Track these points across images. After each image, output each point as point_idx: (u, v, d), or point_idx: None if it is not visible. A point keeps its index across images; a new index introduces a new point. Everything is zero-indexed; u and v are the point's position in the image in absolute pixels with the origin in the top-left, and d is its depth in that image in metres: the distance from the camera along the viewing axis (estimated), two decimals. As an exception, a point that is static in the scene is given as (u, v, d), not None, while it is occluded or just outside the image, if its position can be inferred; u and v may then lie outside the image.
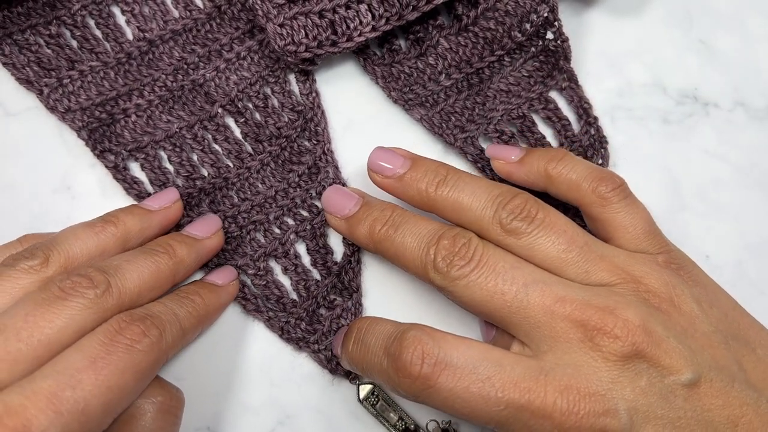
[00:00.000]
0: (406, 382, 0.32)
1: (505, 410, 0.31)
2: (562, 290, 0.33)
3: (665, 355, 0.32)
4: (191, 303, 0.37)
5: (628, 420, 0.31)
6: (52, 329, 0.30)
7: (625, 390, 0.31)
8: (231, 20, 0.44)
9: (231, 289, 0.40)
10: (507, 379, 0.31)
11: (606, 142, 0.43)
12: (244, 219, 0.42)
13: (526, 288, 0.33)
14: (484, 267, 0.34)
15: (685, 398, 0.31)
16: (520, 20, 0.43)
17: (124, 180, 0.42)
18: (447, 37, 0.44)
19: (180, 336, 0.35)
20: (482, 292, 0.34)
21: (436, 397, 0.32)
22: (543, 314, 0.32)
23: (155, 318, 0.33)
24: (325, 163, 0.43)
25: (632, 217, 0.37)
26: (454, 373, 0.32)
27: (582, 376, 0.31)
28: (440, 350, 0.32)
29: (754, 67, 0.46)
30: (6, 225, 0.42)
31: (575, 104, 0.44)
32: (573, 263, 0.34)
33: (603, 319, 0.32)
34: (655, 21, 0.47)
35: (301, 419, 0.41)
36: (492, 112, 0.43)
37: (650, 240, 0.37)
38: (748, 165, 0.45)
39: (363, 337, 0.36)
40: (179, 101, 0.43)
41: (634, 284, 0.34)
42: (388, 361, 0.33)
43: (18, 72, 0.43)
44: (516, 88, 0.44)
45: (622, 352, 0.31)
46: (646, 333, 0.32)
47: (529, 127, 0.43)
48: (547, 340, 0.32)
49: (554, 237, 0.35)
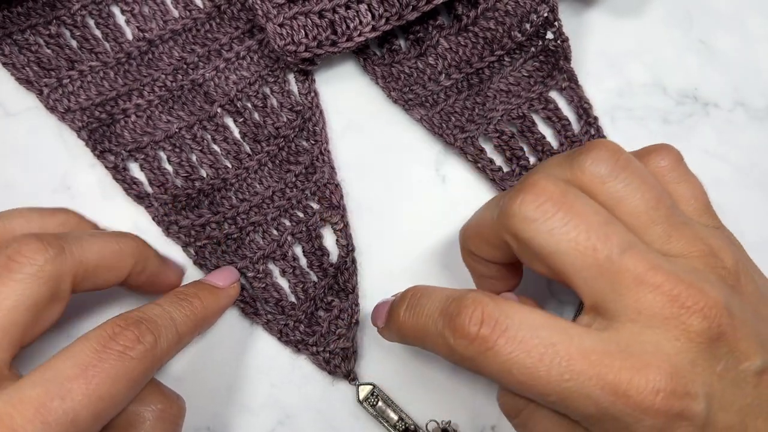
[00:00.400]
0: (462, 343, 0.30)
1: (570, 381, 0.28)
2: (653, 258, 0.30)
3: (743, 339, 0.29)
4: (189, 306, 0.35)
5: (706, 405, 0.28)
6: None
7: (704, 374, 0.29)
8: (231, 20, 0.44)
9: (231, 292, 0.39)
10: (575, 348, 0.29)
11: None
12: (243, 220, 0.42)
13: (620, 247, 0.30)
14: (572, 214, 0.30)
15: (754, 385, 0.30)
16: (520, 20, 0.43)
17: (124, 180, 0.42)
18: (447, 37, 0.44)
19: (176, 341, 0.34)
20: (570, 244, 0.30)
21: (493, 362, 0.29)
22: (633, 281, 0.29)
23: (150, 322, 0.32)
24: (322, 164, 0.43)
25: (692, 187, 0.35)
26: (515, 336, 0.29)
27: (663, 355, 0.29)
28: (501, 312, 0.29)
29: (754, 67, 0.46)
30: (5, 225, 0.42)
31: (575, 104, 0.44)
32: (660, 222, 0.31)
33: (694, 296, 0.29)
34: (655, 21, 0.46)
35: (301, 419, 0.41)
36: (492, 112, 0.43)
37: (709, 214, 0.35)
38: (748, 165, 0.45)
39: (418, 301, 0.33)
40: (179, 101, 0.43)
41: (713, 258, 0.31)
42: (444, 321, 0.30)
43: (18, 72, 0.43)
44: (516, 88, 0.44)
45: (708, 333, 0.29)
46: (730, 315, 0.29)
47: (529, 127, 0.43)
48: (629, 311, 0.29)
49: (646, 190, 0.32)
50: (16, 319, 0.30)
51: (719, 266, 0.31)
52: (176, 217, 0.42)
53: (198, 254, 0.41)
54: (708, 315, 0.29)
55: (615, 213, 0.31)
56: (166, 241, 0.42)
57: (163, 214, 0.42)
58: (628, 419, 0.28)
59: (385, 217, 0.43)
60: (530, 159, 0.43)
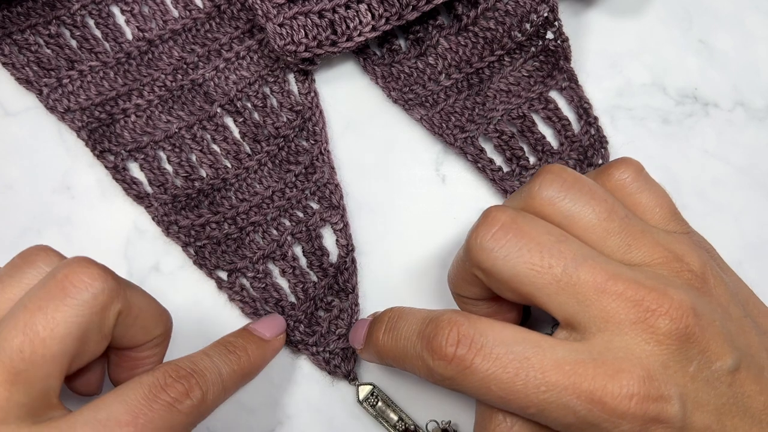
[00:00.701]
0: (441, 364, 0.30)
1: (547, 393, 0.29)
2: (612, 268, 0.31)
3: (712, 339, 0.30)
4: (237, 359, 0.35)
5: (681, 407, 0.29)
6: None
7: (676, 375, 0.29)
8: (230, 20, 0.44)
9: (277, 345, 0.38)
10: (548, 360, 0.29)
11: (606, 142, 0.43)
12: (243, 220, 0.42)
13: (575, 261, 0.31)
14: (526, 238, 0.31)
15: (728, 384, 0.30)
16: (520, 20, 0.43)
17: (124, 180, 0.42)
18: (447, 37, 0.44)
19: (221, 396, 0.33)
20: (526, 266, 0.31)
21: (472, 380, 0.30)
22: (594, 292, 0.30)
23: (200, 377, 0.32)
24: (322, 163, 0.43)
25: (655, 196, 0.35)
26: (491, 354, 0.30)
27: (635, 360, 0.29)
28: (476, 331, 0.30)
29: (754, 67, 0.46)
30: (5, 225, 0.42)
31: (575, 104, 0.44)
32: (615, 233, 0.32)
33: (657, 299, 0.30)
34: (655, 21, 0.46)
35: (300, 419, 0.41)
36: (492, 112, 0.43)
37: (676, 220, 0.35)
38: (748, 165, 0.45)
39: (395, 324, 0.34)
40: (178, 101, 0.43)
41: (677, 263, 0.32)
42: (422, 344, 0.31)
43: (18, 72, 0.43)
44: (516, 88, 0.44)
45: (677, 334, 0.29)
46: (697, 316, 0.30)
47: (529, 127, 0.43)
48: (596, 321, 0.30)
49: (595, 204, 0.33)
50: (67, 348, 0.29)
51: (684, 270, 0.32)
52: (176, 217, 0.42)
53: (198, 254, 0.41)
54: (674, 317, 0.29)
55: (570, 230, 0.32)
56: (166, 241, 0.42)
57: (163, 214, 0.42)
58: (606, 425, 0.29)
59: (384, 217, 0.43)
60: (530, 159, 0.43)
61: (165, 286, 0.42)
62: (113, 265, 0.34)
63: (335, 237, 0.42)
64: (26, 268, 0.31)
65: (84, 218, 0.42)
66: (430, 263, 0.42)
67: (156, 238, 0.42)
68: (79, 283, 0.30)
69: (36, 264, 0.31)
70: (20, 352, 0.28)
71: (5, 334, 0.29)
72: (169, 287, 0.42)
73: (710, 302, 0.32)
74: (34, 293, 0.30)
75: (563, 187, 0.33)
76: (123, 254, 0.42)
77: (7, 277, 0.31)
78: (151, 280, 0.41)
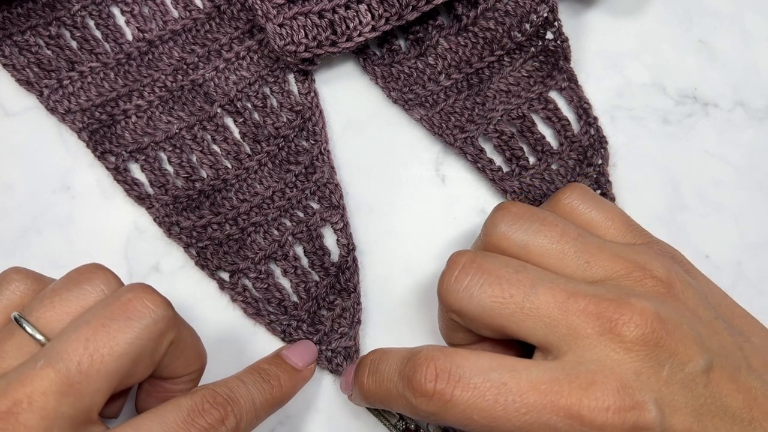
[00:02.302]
0: (423, 401, 0.31)
1: (527, 414, 0.30)
2: (571, 286, 0.32)
3: (680, 342, 0.31)
4: (270, 389, 0.36)
5: (658, 412, 0.30)
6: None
7: (650, 381, 0.30)
8: (230, 20, 0.44)
9: (307, 374, 0.39)
10: (524, 382, 0.30)
11: (606, 142, 0.43)
12: (244, 221, 0.42)
13: (534, 288, 0.32)
14: (486, 274, 0.33)
15: (704, 385, 0.31)
16: (520, 20, 0.43)
17: (125, 181, 0.42)
18: (447, 37, 0.44)
19: (253, 424, 0.34)
20: (490, 300, 0.32)
21: (454, 412, 0.31)
22: (557, 311, 0.31)
23: (236, 405, 0.33)
24: (322, 163, 0.43)
25: (605, 212, 0.37)
26: (468, 384, 0.30)
27: (607, 371, 0.30)
28: (452, 364, 0.31)
29: (754, 67, 0.46)
30: (5, 225, 0.42)
31: (575, 104, 0.44)
32: (571, 253, 0.34)
33: (619, 309, 0.31)
34: (655, 21, 0.47)
35: (301, 419, 0.41)
36: (492, 112, 0.43)
37: (633, 232, 0.37)
38: (748, 165, 0.45)
39: (377, 366, 0.35)
40: (179, 101, 0.43)
41: (639, 272, 0.33)
42: (403, 383, 0.32)
43: (18, 73, 0.43)
44: (516, 88, 0.44)
45: (643, 340, 0.30)
46: (661, 321, 0.31)
47: (529, 127, 0.43)
48: (565, 339, 0.31)
49: (546, 231, 0.34)
50: (120, 367, 0.30)
51: (647, 277, 0.33)
52: (177, 218, 0.42)
53: (200, 255, 0.41)
54: (638, 323, 0.30)
55: (527, 259, 0.34)
56: (166, 242, 0.42)
57: (164, 215, 0.42)
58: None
59: (385, 216, 0.43)
60: (530, 159, 0.43)
61: (165, 287, 0.41)
62: (113, 265, 0.34)
63: (336, 237, 0.42)
64: (85, 285, 0.32)
65: (84, 218, 0.42)
66: (430, 263, 0.42)
67: (156, 239, 0.42)
68: (143, 308, 0.31)
69: (95, 282, 0.32)
70: (78, 364, 0.29)
71: (66, 346, 0.29)
72: (169, 287, 0.42)
73: (677, 307, 0.32)
74: (98, 311, 0.30)
75: (514, 219, 0.35)
76: (123, 254, 0.42)
77: (65, 291, 0.32)
78: (151, 281, 0.41)
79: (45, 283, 0.33)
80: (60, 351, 0.29)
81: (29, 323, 0.31)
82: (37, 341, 0.30)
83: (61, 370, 0.29)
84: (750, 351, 0.33)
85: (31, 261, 0.41)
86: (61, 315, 0.31)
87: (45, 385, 0.28)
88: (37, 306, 0.31)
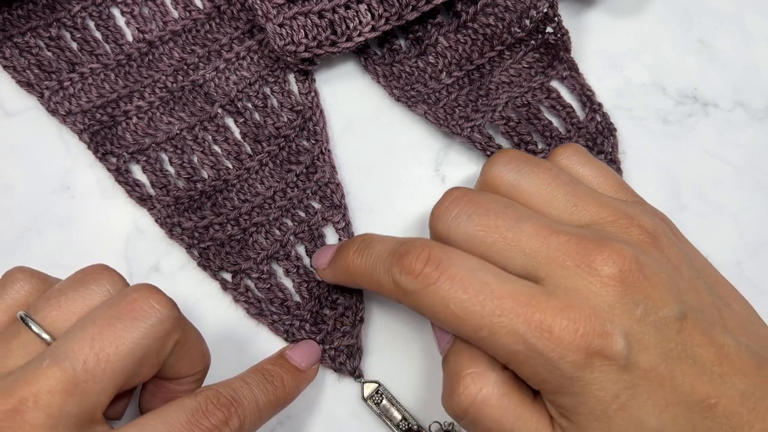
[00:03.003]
0: (407, 278, 0.32)
1: (501, 317, 0.31)
2: (555, 225, 0.33)
3: (656, 288, 0.31)
4: (273, 389, 0.36)
5: (626, 345, 0.30)
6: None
7: (623, 316, 0.31)
8: (230, 20, 0.44)
9: (310, 374, 0.39)
10: (506, 289, 0.31)
11: (614, 129, 0.44)
12: (246, 221, 0.42)
13: (519, 222, 0.33)
14: (475, 206, 0.34)
15: (677, 331, 0.31)
16: (520, 16, 0.43)
17: (126, 183, 0.42)
18: (446, 35, 0.44)
19: (256, 425, 0.34)
20: (476, 228, 0.33)
21: (433, 296, 0.32)
22: (539, 244, 0.32)
23: (239, 406, 0.33)
24: (323, 163, 0.43)
25: (599, 169, 0.38)
26: (455, 275, 0.32)
27: (582, 298, 0.31)
28: (445, 255, 0.32)
29: (754, 67, 0.46)
30: (5, 225, 0.42)
31: (577, 92, 0.44)
32: (560, 197, 0.35)
33: (599, 247, 0.32)
34: (655, 21, 0.47)
35: (301, 419, 0.40)
36: (496, 101, 0.43)
37: (625, 190, 0.37)
38: (748, 165, 0.45)
39: (369, 244, 0.36)
40: (179, 102, 0.43)
41: (626, 220, 0.34)
42: (392, 260, 0.33)
43: (19, 75, 0.43)
44: (517, 78, 0.44)
45: (619, 277, 0.31)
46: (640, 264, 0.31)
47: (536, 113, 0.43)
48: (544, 268, 0.32)
49: (539, 173, 0.35)
50: (126, 366, 0.30)
51: (634, 226, 0.34)
52: (179, 219, 0.42)
53: (202, 256, 0.41)
54: (616, 261, 0.31)
55: (517, 199, 0.35)
56: (166, 242, 0.42)
57: (166, 216, 0.42)
58: (552, 355, 0.30)
59: (385, 215, 0.43)
60: (538, 144, 0.43)
61: (165, 287, 0.41)
62: (113, 265, 0.34)
63: (338, 236, 0.42)
64: (92, 285, 0.32)
65: (84, 218, 0.42)
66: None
67: (156, 239, 0.42)
68: (149, 308, 0.31)
69: (101, 282, 0.32)
70: (84, 363, 0.29)
71: (72, 345, 0.29)
72: (170, 287, 0.41)
73: (659, 258, 0.33)
74: (104, 311, 0.31)
75: (509, 161, 0.36)
76: (123, 254, 0.42)
77: (71, 291, 0.32)
78: (152, 281, 0.41)
79: (50, 283, 0.33)
80: (66, 350, 0.29)
81: (35, 322, 0.31)
82: (42, 340, 0.30)
83: (67, 369, 0.29)
84: (728, 314, 0.34)
85: (31, 261, 0.41)
86: (67, 314, 0.31)
87: (51, 383, 0.28)
88: (43, 305, 0.31)
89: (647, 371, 0.31)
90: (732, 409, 0.31)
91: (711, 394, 0.31)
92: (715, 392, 0.31)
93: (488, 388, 0.32)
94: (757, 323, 0.35)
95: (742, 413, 0.31)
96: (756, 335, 0.34)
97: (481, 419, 0.32)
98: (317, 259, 0.40)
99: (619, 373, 0.30)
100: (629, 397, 0.30)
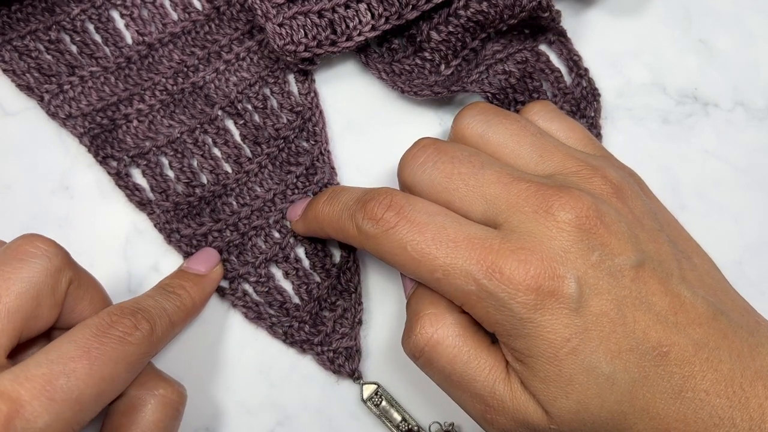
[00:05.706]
0: (368, 223, 0.34)
1: (455, 259, 0.32)
2: (517, 172, 0.34)
3: (614, 236, 0.32)
4: (178, 298, 0.37)
5: (577, 288, 0.31)
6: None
7: (577, 261, 0.31)
8: (230, 21, 0.44)
9: (215, 276, 0.40)
10: (462, 233, 0.32)
11: (599, 94, 0.44)
12: (245, 225, 0.42)
13: (482, 169, 0.34)
14: (441, 153, 0.35)
15: (631, 279, 0.32)
16: (513, 3, 0.42)
17: (126, 187, 0.42)
18: (437, 27, 0.43)
19: (169, 329, 0.35)
20: (441, 174, 0.34)
21: (392, 239, 0.33)
22: (499, 190, 0.33)
23: (145, 312, 0.34)
24: (322, 164, 0.43)
25: (567, 123, 0.39)
26: (414, 219, 0.33)
27: (536, 241, 0.31)
28: (407, 201, 0.33)
29: (754, 67, 0.46)
30: (4, 225, 0.42)
31: (565, 57, 0.44)
32: (527, 147, 0.36)
33: (557, 193, 0.32)
34: (655, 21, 0.47)
35: (300, 420, 0.40)
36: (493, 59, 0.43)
37: (594, 145, 0.38)
38: (748, 165, 0.45)
39: (337, 194, 0.37)
40: (180, 105, 0.43)
41: (589, 171, 0.35)
42: (357, 206, 0.34)
43: (18, 78, 0.43)
44: (508, 44, 0.44)
45: (576, 222, 0.32)
46: (598, 212, 0.32)
47: (530, 73, 0.43)
48: (503, 213, 0.33)
49: (508, 123, 0.37)
50: (21, 305, 0.31)
51: (597, 176, 0.34)
52: (178, 225, 0.41)
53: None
54: (574, 207, 0.32)
55: (485, 149, 0.37)
56: (167, 249, 0.42)
57: (165, 221, 0.41)
58: (503, 295, 0.31)
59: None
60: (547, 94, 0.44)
61: (164, 287, 0.42)
62: (113, 265, 0.34)
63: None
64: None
65: (83, 218, 0.42)
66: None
67: (155, 239, 0.42)
68: (34, 248, 0.33)
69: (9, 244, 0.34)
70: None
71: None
72: (169, 288, 0.41)
73: (620, 209, 0.34)
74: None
75: (478, 112, 0.37)
76: (122, 254, 0.42)
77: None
78: (151, 280, 0.41)
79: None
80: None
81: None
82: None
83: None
84: (687, 266, 0.34)
85: (30, 261, 0.41)
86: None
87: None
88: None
89: (599, 316, 0.31)
90: (684, 358, 0.31)
91: (664, 341, 0.31)
92: (668, 340, 0.31)
93: (444, 329, 0.33)
94: (717, 278, 0.36)
95: (695, 362, 0.31)
96: (714, 288, 0.34)
97: (435, 359, 0.33)
98: (291, 212, 0.41)
99: (570, 317, 0.31)
100: (580, 341, 0.31)
